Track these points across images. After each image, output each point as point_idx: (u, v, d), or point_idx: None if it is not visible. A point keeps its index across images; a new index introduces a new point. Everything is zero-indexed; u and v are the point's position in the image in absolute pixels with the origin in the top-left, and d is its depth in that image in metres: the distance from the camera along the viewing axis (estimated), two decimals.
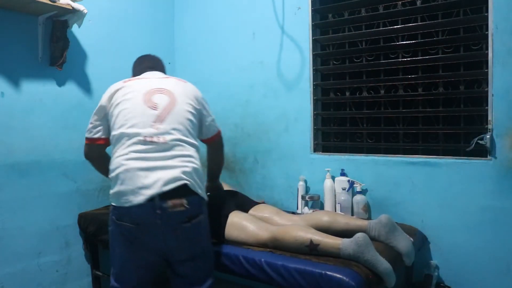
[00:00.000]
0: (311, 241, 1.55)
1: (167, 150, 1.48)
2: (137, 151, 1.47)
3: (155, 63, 1.86)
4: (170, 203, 1.40)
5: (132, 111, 1.54)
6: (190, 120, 1.60)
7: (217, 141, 1.83)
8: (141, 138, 1.48)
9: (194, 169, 1.50)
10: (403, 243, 1.63)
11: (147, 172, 1.42)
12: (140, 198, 1.40)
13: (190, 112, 1.61)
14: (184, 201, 1.42)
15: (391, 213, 1.79)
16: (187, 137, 1.55)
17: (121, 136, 1.51)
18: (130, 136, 1.49)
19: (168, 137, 1.49)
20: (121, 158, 1.47)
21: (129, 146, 1.48)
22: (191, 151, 1.54)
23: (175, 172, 1.44)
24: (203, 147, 1.99)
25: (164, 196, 1.40)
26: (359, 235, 1.49)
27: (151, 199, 1.39)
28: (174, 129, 1.52)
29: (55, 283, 2.13)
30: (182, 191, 1.44)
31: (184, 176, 1.45)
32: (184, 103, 1.61)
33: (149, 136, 1.48)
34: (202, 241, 1.55)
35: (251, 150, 2.51)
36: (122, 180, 1.44)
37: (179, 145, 1.50)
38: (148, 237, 1.45)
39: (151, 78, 1.70)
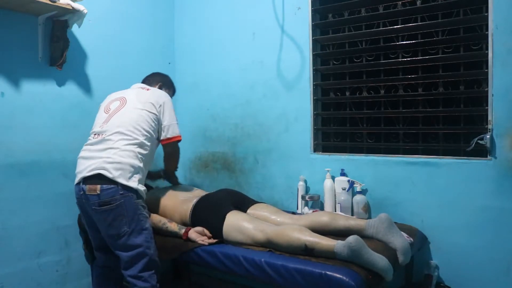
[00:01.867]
0: (306, 246, 1.55)
1: (101, 143, 1.78)
2: (87, 144, 1.84)
3: (146, 78, 2.20)
4: (87, 187, 1.70)
5: (97, 117, 1.94)
6: (136, 121, 1.82)
7: (168, 146, 2.02)
8: (92, 135, 1.85)
9: (117, 161, 1.72)
10: (399, 239, 1.63)
11: (84, 160, 1.77)
12: (76, 180, 1.77)
13: (140, 115, 1.85)
14: (97, 187, 1.68)
15: (391, 213, 1.79)
16: (125, 133, 1.79)
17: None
18: (89, 134, 1.88)
19: (107, 133, 1.79)
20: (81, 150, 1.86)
21: (87, 141, 1.86)
22: (124, 144, 1.76)
23: (97, 162, 1.72)
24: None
25: (85, 180, 1.71)
26: (350, 239, 1.47)
27: (79, 182, 1.73)
28: (114, 127, 1.80)
29: (55, 283, 2.13)
30: (99, 178, 1.69)
31: (103, 166, 1.70)
32: (134, 107, 1.86)
33: (97, 133, 1.83)
34: (117, 227, 1.70)
35: (251, 150, 2.51)
36: (76, 167, 1.82)
37: (111, 140, 1.77)
38: (84, 213, 1.81)
39: (129, 89, 2.04)
